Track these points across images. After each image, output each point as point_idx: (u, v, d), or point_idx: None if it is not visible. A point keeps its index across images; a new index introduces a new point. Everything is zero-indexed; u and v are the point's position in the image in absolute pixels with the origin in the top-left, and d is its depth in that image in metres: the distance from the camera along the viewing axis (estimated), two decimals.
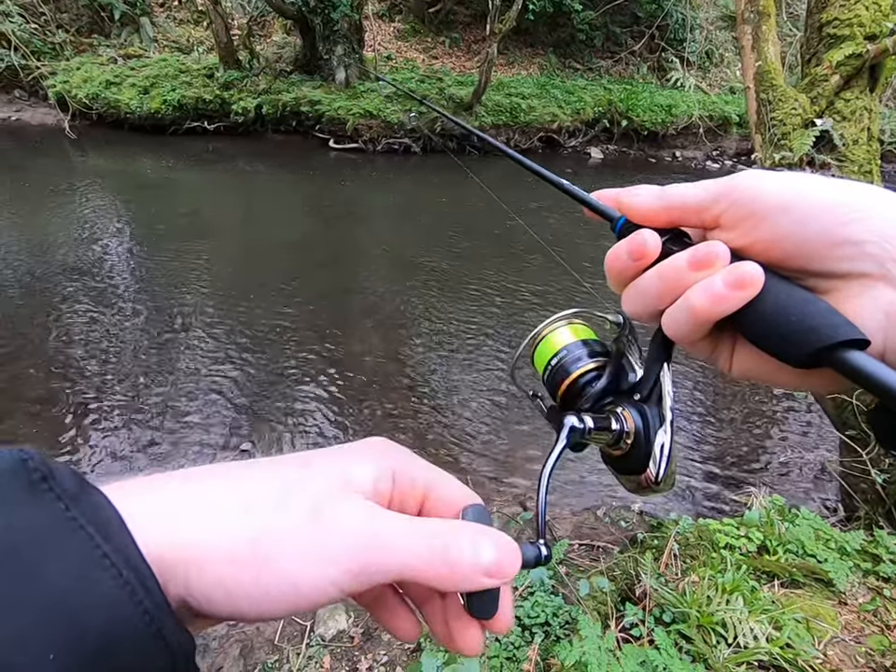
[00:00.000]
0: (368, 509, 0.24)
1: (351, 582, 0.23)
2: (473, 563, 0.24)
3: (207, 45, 10.08)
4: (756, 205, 0.28)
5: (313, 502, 0.24)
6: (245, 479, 0.25)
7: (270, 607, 0.22)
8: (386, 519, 0.24)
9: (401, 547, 0.23)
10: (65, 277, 4.52)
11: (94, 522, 0.20)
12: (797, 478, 2.99)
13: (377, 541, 0.23)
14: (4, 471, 0.20)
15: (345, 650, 1.90)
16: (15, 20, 8.87)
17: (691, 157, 10.31)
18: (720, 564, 1.71)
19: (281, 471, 0.25)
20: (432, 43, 11.05)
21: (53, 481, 0.20)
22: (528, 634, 1.68)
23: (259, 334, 3.93)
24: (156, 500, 0.23)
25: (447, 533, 0.25)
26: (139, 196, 6.66)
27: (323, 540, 0.23)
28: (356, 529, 0.23)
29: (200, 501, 0.23)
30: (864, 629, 1.53)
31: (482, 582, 0.25)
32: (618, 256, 0.31)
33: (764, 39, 2.73)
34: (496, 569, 0.25)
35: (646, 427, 0.32)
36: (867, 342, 0.25)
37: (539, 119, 9.49)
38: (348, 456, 0.27)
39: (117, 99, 8.86)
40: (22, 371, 3.37)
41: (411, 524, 0.25)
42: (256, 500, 0.23)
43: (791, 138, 2.58)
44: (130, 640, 0.19)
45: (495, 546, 0.25)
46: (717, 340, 0.31)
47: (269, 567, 0.22)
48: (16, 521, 0.19)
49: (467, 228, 6.21)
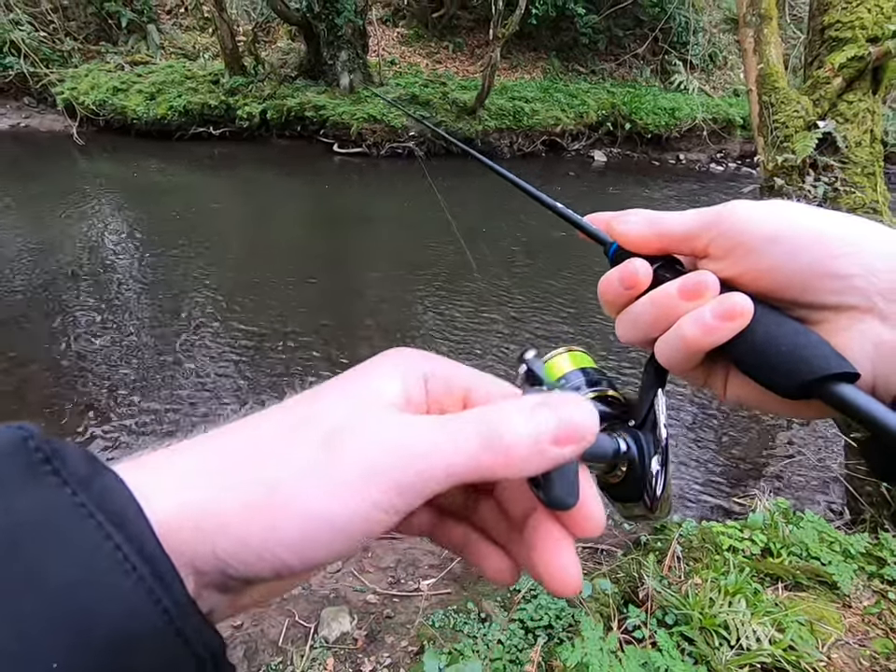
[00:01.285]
0: (391, 420, 0.22)
1: (396, 500, 0.21)
2: (532, 434, 0.21)
3: (213, 51, 10.18)
4: (744, 236, 0.28)
5: (325, 432, 0.22)
6: (259, 428, 0.23)
7: (312, 552, 0.20)
8: (417, 423, 0.22)
9: (442, 446, 0.21)
10: (72, 281, 4.57)
11: (105, 508, 0.18)
12: (802, 480, 2.98)
13: (410, 449, 0.21)
14: (0, 451, 0.18)
15: (349, 652, 1.91)
16: (25, 28, 9.00)
17: (695, 159, 10.29)
18: (723, 566, 1.70)
19: (293, 410, 0.24)
20: (436, 48, 11.11)
21: (59, 461, 0.18)
22: (531, 636, 1.69)
23: (263, 337, 3.96)
24: (171, 473, 0.21)
25: (491, 413, 0.22)
26: (145, 201, 6.72)
27: (340, 466, 0.21)
28: (378, 444, 0.21)
29: (213, 463, 0.21)
30: (869, 632, 1.52)
31: (549, 454, 0.22)
32: (610, 283, 0.31)
33: (766, 42, 2.73)
34: (563, 433, 0.22)
35: (641, 454, 0.32)
36: (857, 375, 0.25)
37: (542, 122, 9.51)
38: (367, 373, 0.24)
39: (123, 105, 8.96)
40: (31, 374, 3.41)
41: (447, 420, 0.22)
42: (268, 446, 0.22)
43: (793, 140, 2.58)
44: (147, 641, 0.17)
45: (554, 409, 0.22)
46: (710, 368, 0.31)
47: (290, 510, 0.20)
48: (15, 509, 0.17)
49: (468, 231, 6.22)
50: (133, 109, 8.93)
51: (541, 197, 0.39)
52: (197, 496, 0.20)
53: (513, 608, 1.82)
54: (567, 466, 0.23)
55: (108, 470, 0.19)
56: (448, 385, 0.25)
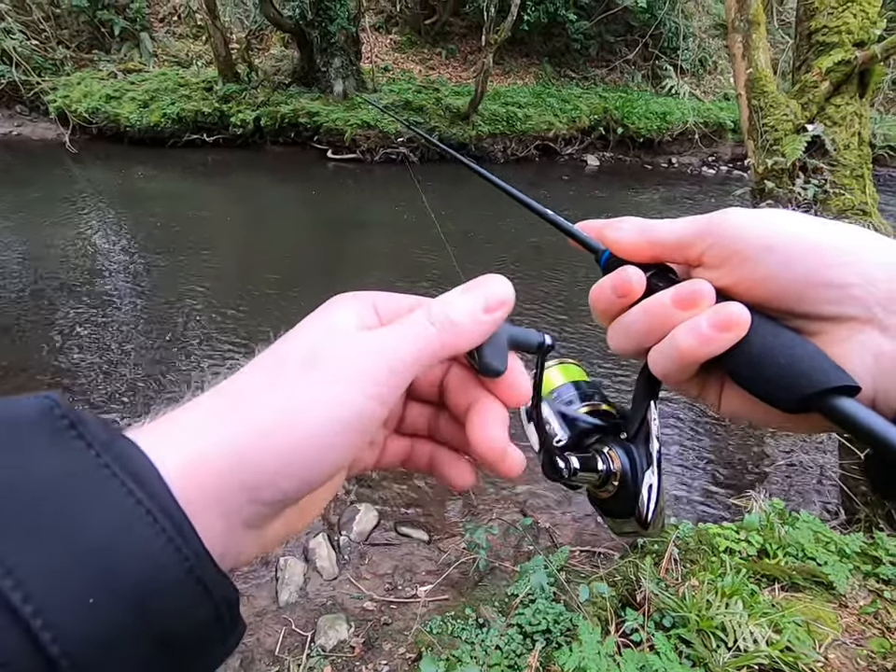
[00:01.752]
0: (356, 334, 0.25)
1: (382, 389, 0.24)
2: (469, 308, 0.26)
3: (206, 59, 10.19)
4: (739, 244, 0.27)
5: (303, 357, 0.25)
6: (245, 376, 0.25)
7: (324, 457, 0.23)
8: (379, 330, 0.26)
9: (406, 338, 0.25)
10: (66, 289, 4.54)
11: (127, 468, 0.19)
12: (797, 481, 2.99)
13: (381, 347, 0.25)
14: (29, 418, 0.19)
15: (346, 660, 1.89)
16: (16, 36, 8.98)
17: (687, 163, 10.38)
18: (719, 568, 1.71)
19: (270, 355, 0.26)
20: (429, 54, 11.17)
21: (83, 426, 0.19)
22: (529, 641, 1.68)
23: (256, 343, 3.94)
24: (180, 431, 0.23)
25: (435, 305, 0.27)
26: (138, 208, 6.70)
27: (325, 375, 0.24)
28: (352, 350, 0.24)
29: (215, 412, 0.23)
30: (865, 632, 1.53)
31: (484, 321, 0.27)
32: (603, 291, 0.31)
33: (755, 47, 2.77)
34: (490, 302, 0.27)
35: (633, 468, 0.31)
36: (858, 388, 0.24)
37: (535, 127, 9.57)
38: (324, 310, 0.28)
39: (116, 113, 8.95)
40: (26, 381, 3.38)
41: (403, 321, 0.26)
42: (259, 385, 0.24)
43: (783, 143, 2.61)
44: (172, 589, 0.19)
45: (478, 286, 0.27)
46: (704, 380, 0.30)
47: (295, 423, 0.22)
48: (45, 466, 0.18)
49: (466, 234, 6.24)
50: (126, 117, 8.91)
51: (532, 204, 0.38)
52: (210, 441, 0.22)
53: (511, 612, 1.81)
54: (497, 340, 0.27)
55: (124, 437, 0.21)
56: (396, 308, 0.28)
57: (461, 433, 0.30)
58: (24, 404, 0.19)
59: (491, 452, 0.28)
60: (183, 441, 0.22)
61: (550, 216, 0.36)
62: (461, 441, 0.31)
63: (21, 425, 0.19)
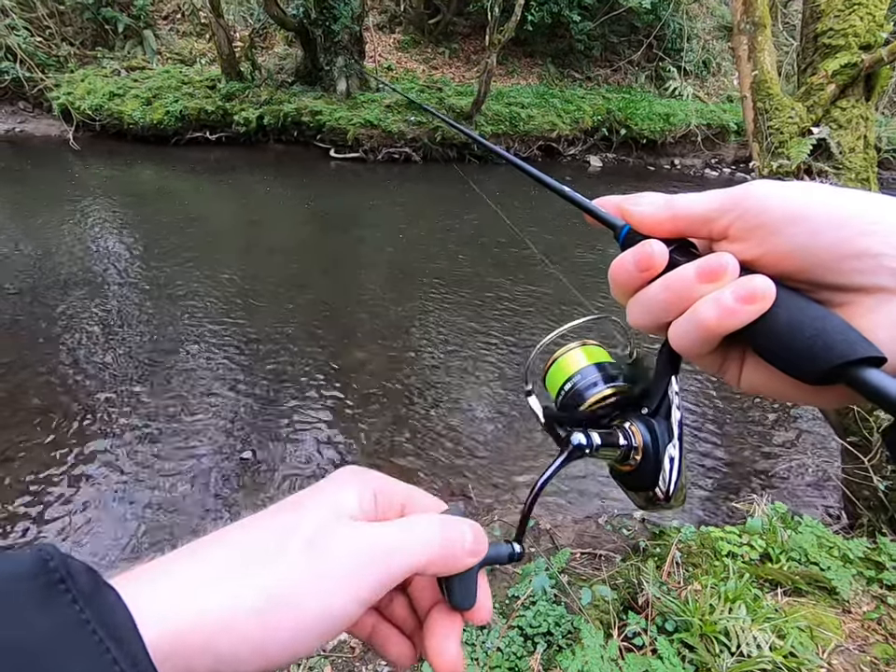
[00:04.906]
0: (359, 526, 0.27)
1: (372, 593, 0.25)
2: (463, 545, 0.28)
3: (210, 57, 10.19)
4: (766, 216, 0.27)
5: (307, 538, 0.25)
6: (246, 537, 0.26)
7: (300, 646, 0.24)
8: (384, 528, 0.27)
9: (410, 545, 0.27)
10: (67, 287, 4.54)
11: (106, 624, 0.20)
12: (799, 485, 2.98)
13: (383, 549, 0.26)
14: (25, 575, 0.20)
15: (346, 660, 1.89)
16: (20, 33, 8.98)
17: (689, 165, 10.37)
18: (722, 572, 1.70)
19: (277, 519, 0.27)
20: (432, 54, 11.16)
21: (71, 581, 0.21)
22: (531, 643, 1.67)
23: (259, 343, 3.94)
24: (167, 585, 0.23)
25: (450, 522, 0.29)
26: (141, 206, 6.70)
27: (326, 569, 0.24)
28: (356, 547, 0.25)
29: (207, 572, 0.24)
30: (869, 638, 1.52)
31: (466, 560, 0.28)
32: (623, 266, 0.30)
33: (760, 49, 2.76)
34: (475, 546, 0.29)
35: (654, 442, 0.31)
36: (884, 359, 0.24)
37: (538, 128, 9.56)
38: (333, 487, 0.29)
39: (120, 110, 8.95)
40: (24, 380, 3.38)
41: (409, 524, 0.28)
42: (258, 554, 0.25)
43: (788, 146, 2.60)
44: None
45: (471, 529, 0.30)
46: (725, 354, 0.30)
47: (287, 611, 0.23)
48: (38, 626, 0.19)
49: (467, 236, 6.23)
50: (129, 114, 8.91)
51: (550, 182, 0.38)
52: (195, 606, 0.22)
53: (512, 614, 1.81)
54: (469, 575, 0.29)
55: (108, 587, 0.22)
56: (391, 499, 0.30)
57: (413, 623, 0.32)
58: (22, 560, 0.21)
59: (445, 667, 0.29)
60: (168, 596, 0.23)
61: (567, 192, 0.36)
62: (411, 630, 0.32)
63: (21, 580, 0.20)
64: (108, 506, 2.60)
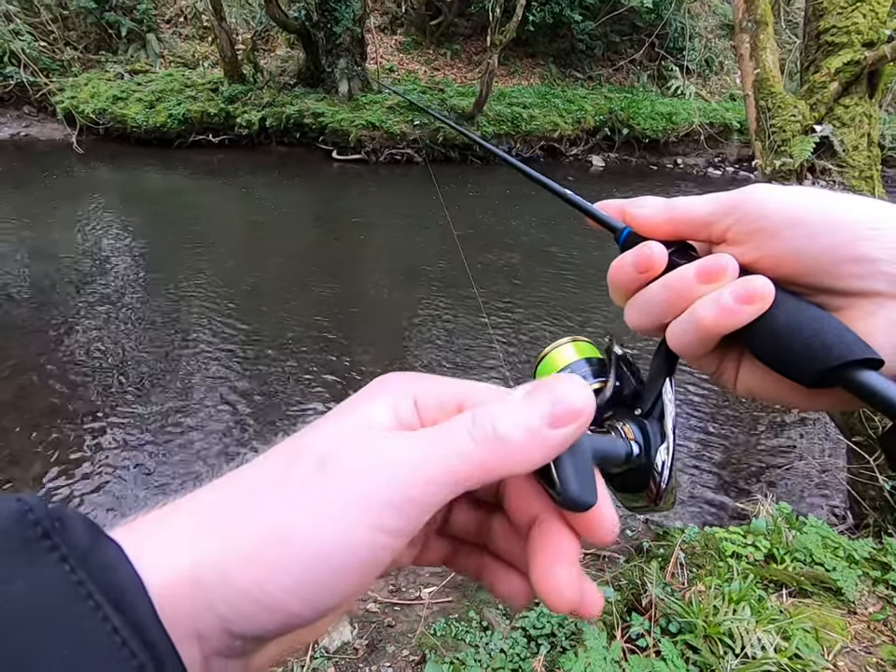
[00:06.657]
0: (380, 440, 0.21)
1: (397, 521, 0.19)
2: (526, 419, 0.21)
3: (212, 60, 10.24)
4: (765, 220, 0.27)
5: (317, 458, 0.21)
6: (255, 471, 0.22)
7: (316, 594, 0.19)
8: (406, 439, 0.21)
9: (433, 454, 0.20)
10: (71, 290, 4.56)
11: (105, 586, 0.17)
12: (804, 485, 2.96)
13: (402, 464, 0.20)
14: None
15: (350, 661, 1.89)
16: (25, 38, 9.05)
17: (692, 164, 10.33)
18: (726, 573, 1.69)
19: (287, 447, 0.22)
20: (434, 55, 11.17)
21: (59, 536, 0.17)
22: (534, 645, 1.67)
23: (262, 343, 3.95)
24: (167, 535, 0.20)
25: (480, 411, 0.22)
26: (145, 209, 6.73)
27: (332, 493, 0.20)
28: (369, 464, 0.20)
29: (207, 517, 0.20)
30: (875, 639, 1.51)
31: (549, 439, 0.21)
32: (623, 267, 0.30)
33: (762, 47, 2.75)
34: (559, 412, 0.21)
35: (647, 444, 0.31)
36: (881, 361, 0.24)
37: (540, 128, 9.55)
38: (357, 401, 0.24)
39: (123, 114, 8.99)
40: (28, 382, 3.39)
41: (436, 428, 0.21)
42: (264, 484, 0.21)
43: (791, 144, 2.59)
44: None
45: (545, 390, 0.21)
46: (722, 356, 0.30)
47: (287, 547, 0.19)
48: (10, 592, 0.16)
49: (467, 236, 6.23)
50: (132, 117, 8.96)
51: (552, 185, 0.38)
52: (191, 555, 0.19)
53: (516, 616, 1.80)
54: (580, 458, 0.22)
55: (109, 540, 0.19)
56: (440, 401, 0.24)
57: (520, 549, 0.25)
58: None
59: (559, 602, 0.22)
60: (167, 548, 0.19)
61: (569, 195, 0.37)
62: (519, 560, 0.26)
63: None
64: (115, 507, 2.61)
